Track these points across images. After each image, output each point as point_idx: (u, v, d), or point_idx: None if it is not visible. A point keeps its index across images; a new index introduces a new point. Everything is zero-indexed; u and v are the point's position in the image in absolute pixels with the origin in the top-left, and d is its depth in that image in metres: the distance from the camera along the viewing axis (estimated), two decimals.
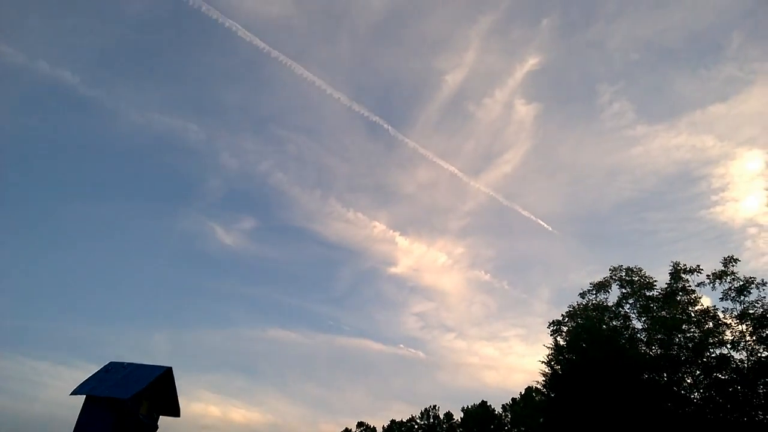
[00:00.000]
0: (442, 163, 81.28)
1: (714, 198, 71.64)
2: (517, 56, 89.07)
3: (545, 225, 75.87)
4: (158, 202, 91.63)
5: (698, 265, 35.18)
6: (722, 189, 71.02)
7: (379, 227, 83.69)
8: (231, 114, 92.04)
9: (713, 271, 34.00)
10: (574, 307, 39.25)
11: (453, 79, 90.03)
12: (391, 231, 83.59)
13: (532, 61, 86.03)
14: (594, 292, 38.98)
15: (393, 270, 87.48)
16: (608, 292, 38.61)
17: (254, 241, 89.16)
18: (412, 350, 79.98)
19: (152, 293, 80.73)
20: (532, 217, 76.32)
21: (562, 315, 39.57)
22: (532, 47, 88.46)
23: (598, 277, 39.79)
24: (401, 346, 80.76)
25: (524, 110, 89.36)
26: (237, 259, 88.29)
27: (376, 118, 73.51)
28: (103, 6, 78.31)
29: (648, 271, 37.56)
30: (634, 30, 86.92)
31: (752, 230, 65.26)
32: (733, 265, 33.52)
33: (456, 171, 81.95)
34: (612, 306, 37.98)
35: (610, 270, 38.67)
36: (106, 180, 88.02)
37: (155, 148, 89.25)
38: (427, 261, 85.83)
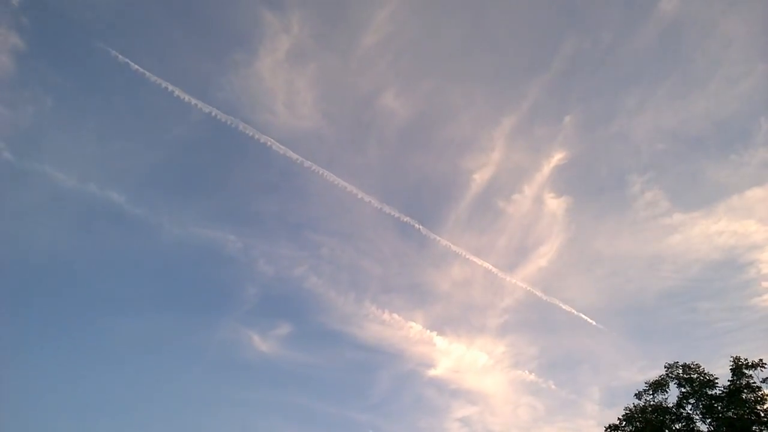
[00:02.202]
0: (475, 259, 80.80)
1: (765, 284, 68.57)
2: (543, 152, 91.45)
3: (588, 319, 73.11)
4: (197, 313, 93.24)
5: (761, 360, 33.40)
6: None
7: (415, 328, 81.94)
8: (267, 223, 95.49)
9: None
10: (630, 410, 36.88)
11: (481, 177, 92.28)
12: (428, 331, 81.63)
13: (558, 156, 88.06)
14: (651, 392, 36.80)
15: (432, 372, 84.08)
16: (666, 391, 36.42)
17: (290, 347, 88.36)
18: None
19: (191, 406, 79.63)
20: (573, 311, 73.85)
21: (619, 419, 37.14)
22: (556, 143, 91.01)
23: (651, 374, 37.89)
24: None
25: (555, 204, 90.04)
26: (273, 367, 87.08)
27: (406, 219, 74.74)
28: (148, 130, 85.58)
29: (706, 366, 35.64)
30: (657, 121, 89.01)
31: None
32: None
33: (490, 267, 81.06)
34: (672, 407, 35.60)
35: (665, 367, 36.82)
36: (147, 293, 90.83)
37: (195, 260, 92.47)
38: (468, 362, 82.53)
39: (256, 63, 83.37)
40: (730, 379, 33.96)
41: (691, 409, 34.77)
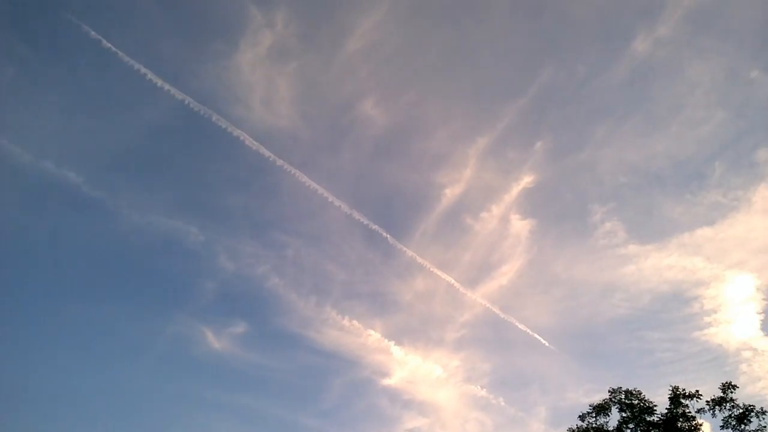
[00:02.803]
0: (439, 273, 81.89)
1: (707, 319, 72.15)
2: (513, 174, 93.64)
3: (542, 340, 75.07)
4: (149, 304, 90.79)
5: (697, 391, 35.12)
6: (714, 311, 71.77)
7: (374, 336, 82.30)
8: (232, 218, 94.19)
9: (712, 397, 34.09)
10: (573, 431, 38.28)
11: (452, 192, 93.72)
12: (387, 340, 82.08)
13: (526, 179, 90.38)
14: (594, 415, 38.21)
15: (387, 382, 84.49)
16: (608, 415, 37.86)
17: (245, 347, 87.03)
18: None
19: (133, 399, 77.34)
20: (528, 331, 75.71)
21: None
22: (526, 167, 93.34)
23: (596, 397, 39.27)
24: None
25: (519, 225, 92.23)
26: (225, 365, 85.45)
27: (375, 227, 75.26)
28: (115, 111, 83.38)
29: (647, 393, 37.30)
30: (621, 155, 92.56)
31: (747, 354, 65.04)
32: (731, 392, 33.66)
33: (453, 281, 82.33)
34: (612, 431, 37.13)
35: (609, 391, 38.29)
36: (98, 279, 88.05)
37: (152, 250, 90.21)
38: (422, 373, 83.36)
39: (236, 55, 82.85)
40: (668, 407, 35.64)
41: None
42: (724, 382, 34.52)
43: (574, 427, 38.43)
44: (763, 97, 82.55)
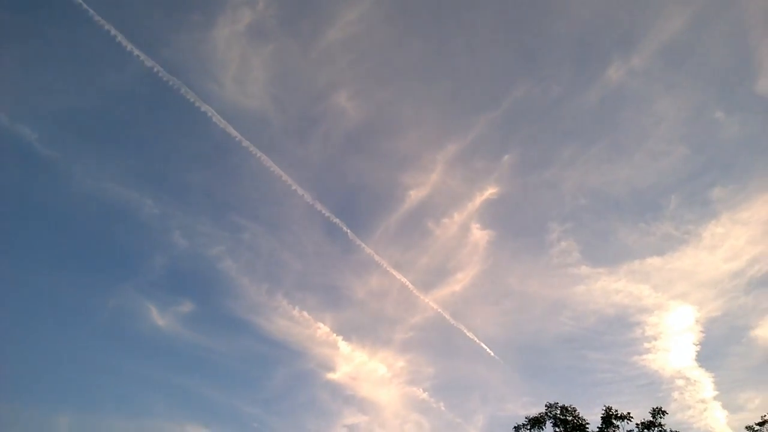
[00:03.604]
0: (395, 273, 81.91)
1: (647, 345, 74.70)
2: (478, 184, 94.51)
3: (488, 350, 76.03)
4: (94, 274, 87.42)
5: (629, 413, 36.43)
6: (655, 338, 74.35)
7: (323, 329, 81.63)
8: (191, 195, 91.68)
9: (642, 420, 35.46)
10: None
11: (416, 195, 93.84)
12: (335, 335, 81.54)
13: (490, 190, 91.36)
14: (528, 427, 38.95)
15: (331, 376, 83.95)
16: (542, 428, 38.68)
17: (190, 327, 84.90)
18: None
19: (66, 369, 74.09)
20: (475, 339, 76.55)
21: None
22: (492, 178, 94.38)
23: (533, 410, 40.05)
24: None
25: (479, 235, 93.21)
26: (167, 343, 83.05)
27: (336, 221, 74.56)
28: (80, 70, 79.86)
29: (583, 410, 38.29)
30: (584, 178, 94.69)
31: (680, 382, 67.65)
32: (661, 417, 35.09)
33: (408, 283, 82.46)
34: None
35: (546, 406, 39.12)
36: (42, 242, 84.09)
37: (104, 217, 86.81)
38: (367, 371, 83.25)
39: (212, 30, 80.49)
40: (600, 426, 36.75)
41: None
42: (655, 407, 36.13)
43: None
44: (724, 137, 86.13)
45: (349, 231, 75.61)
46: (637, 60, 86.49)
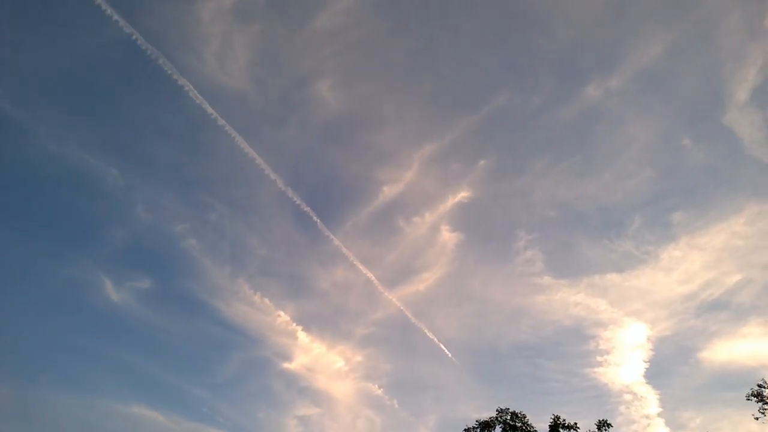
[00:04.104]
0: (361, 267, 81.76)
1: (599, 359, 76.73)
2: (451, 186, 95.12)
3: (446, 351, 76.73)
4: (49, 241, 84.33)
5: (575, 423, 37.44)
6: (607, 352, 76.40)
7: (283, 318, 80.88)
8: (159, 169, 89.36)
9: (588, 431, 36.45)
10: None
11: (390, 191, 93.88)
12: (295, 324, 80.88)
13: (463, 194, 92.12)
14: (478, 430, 39.55)
15: (287, 365, 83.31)
16: None
17: (146, 304, 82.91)
18: None
19: (5, 338, 71.11)
20: (435, 340, 77.16)
21: None
22: (465, 182, 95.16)
23: (485, 414, 40.62)
24: None
25: (448, 236, 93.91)
26: (120, 319, 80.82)
27: (307, 209, 73.85)
28: (55, 31, 76.72)
29: (533, 417, 39.19)
30: (554, 190, 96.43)
31: (627, 397, 69.72)
32: (605, 429, 36.20)
33: (373, 278, 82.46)
34: None
35: (497, 411, 39.81)
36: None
37: (66, 184, 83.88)
38: (324, 363, 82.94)
39: (198, 2, 78.42)
40: None
41: None
42: (601, 419, 37.20)
43: None
44: (689, 164, 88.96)
45: (318, 221, 75.14)
46: (615, 81, 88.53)
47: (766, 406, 33.54)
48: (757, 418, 33.64)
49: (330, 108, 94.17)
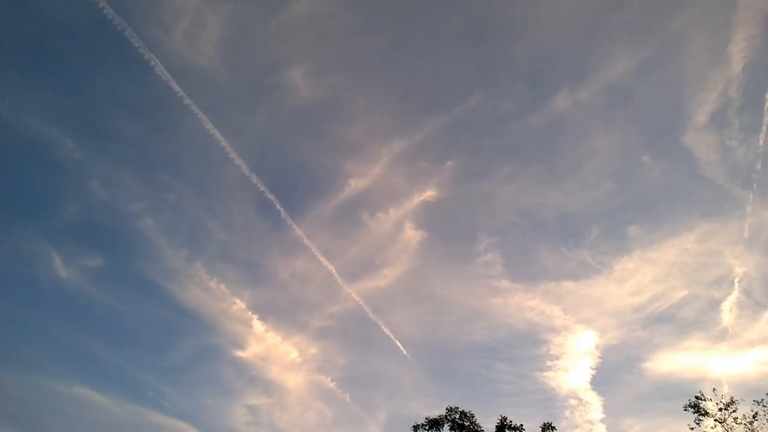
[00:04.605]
0: (322, 259, 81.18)
1: (549, 363, 78.62)
2: (418, 184, 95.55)
3: (401, 348, 77.17)
4: None
5: (521, 425, 38.29)
6: (557, 357, 78.38)
7: (238, 305, 79.59)
8: (119, 144, 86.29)
9: None
10: None
11: (356, 185, 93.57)
12: (251, 312, 79.76)
13: (429, 193, 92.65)
14: (427, 428, 39.91)
15: (239, 353, 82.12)
16: (440, 430, 39.72)
17: (95, 283, 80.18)
18: None
19: None
20: (391, 336, 77.47)
21: None
22: (432, 181, 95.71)
23: (435, 412, 41.01)
24: None
25: (411, 234, 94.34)
26: (67, 297, 77.91)
27: (271, 197, 72.74)
28: None
29: (482, 417, 39.81)
30: (518, 196, 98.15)
31: (573, 401, 71.75)
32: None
33: (333, 271, 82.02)
34: None
35: (446, 409, 40.25)
36: None
37: (16, 152, 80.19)
38: (277, 353, 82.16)
39: None
40: None
41: None
42: (546, 422, 38.10)
43: None
44: (647, 180, 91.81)
45: (282, 209, 74.18)
46: (583, 94, 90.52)
47: (701, 417, 35.01)
48: (692, 429, 35.07)
49: (301, 96, 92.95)
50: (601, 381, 74.84)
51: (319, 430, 78.06)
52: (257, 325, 78.93)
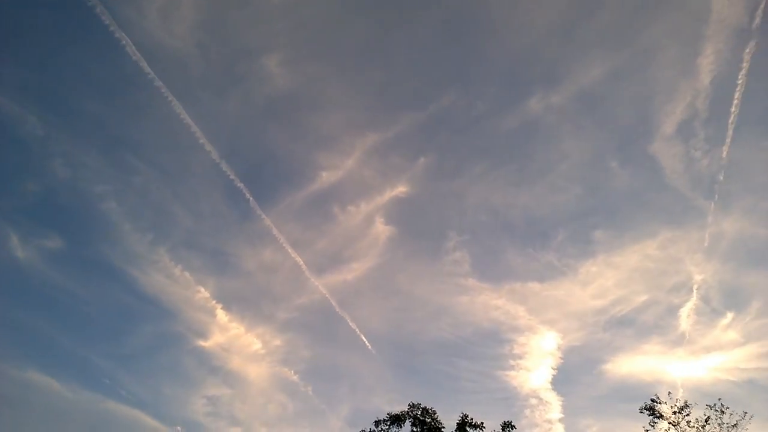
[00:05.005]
0: (290, 250, 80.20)
1: (512, 362, 79.60)
2: (390, 179, 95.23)
3: (367, 343, 76.95)
4: None
5: (482, 422, 38.54)
6: (520, 356, 79.42)
7: (203, 294, 78.00)
8: (85, 123, 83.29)
9: (492, 431, 37.68)
10: None
11: (328, 177, 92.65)
12: (215, 301, 78.28)
13: (401, 188, 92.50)
14: (388, 423, 39.82)
15: (201, 343, 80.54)
16: (401, 426, 39.70)
17: (54, 265, 77.45)
18: None
19: None
20: (357, 330, 77.15)
21: None
22: (404, 177, 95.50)
23: (397, 408, 40.91)
24: (179, 429, 72.40)
25: (381, 229, 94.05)
26: (23, 277, 74.95)
27: (240, 185, 71.40)
28: None
29: (444, 414, 39.94)
30: (489, 195, 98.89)
31: (533, 401, 72.84)
32: (509, 430, 37.56)
33: (301, 263, 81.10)
34: None
35: (409, 405, 40.22)
36: None
37: None
38: (241, 344, 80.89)
39: None
40: (454, 431, 38.38)
41: None
42: (506, 420, 38.51)
43: (368, 430, 39.78)
44: (614, 186, 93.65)
45: (251, 198, 72.86)
46: (556, 98, 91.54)
47: (656, 420, 35.83)
48: (647, 431, 35.90)
49: (276, 84, 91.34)
50: (561, 381, 76.14)
51: (280, 422, 77.36)
52: (221, 315, 77.58)
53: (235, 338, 79.55)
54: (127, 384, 75.50)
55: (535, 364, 77.49)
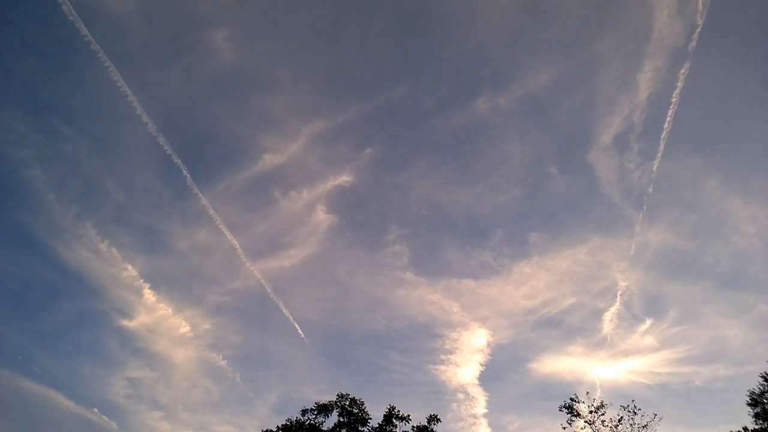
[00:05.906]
0: (227, 233, 77.91)
1: (443, 357, 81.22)
2: (334, 168, 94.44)
3: (300, 331, 76.13)
4: None
5: (408, 415, 38.94)
6: (451, 352, 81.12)
7: (130, 272, 74.38)
8: (10, 83, 77.18)
9: (418, 424, 38.15)
10: (291, 422, 38.93)
11: (271, 160, 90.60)
12: (142, 281, 74.90)
13: (344, 178, 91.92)
14: (315, 413, 39.44)
15: (125, 323, 76.92)
16: (328, 416, 39.45)
17: None
18: (106, 419, 68.45)
19: None
20: (290, 318, 76.16)
21: (278, 426, 38.91)
22: (348, 166, 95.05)
23: (326, 397, 40.62)
24: (95, 410, 68.73)
25: (321, 217, 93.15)
26: None
27: (178, 161, 68.42)
28: None
29: (372, 405, 39.99)
30: (432, 191, 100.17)
31: (460, 396, 74.66)
32: (434, 424, 38.25)
33: (237, 246, 78.98)
34: (327, 431, 38.68)
35: (337, 396, 40.01)
36: None
37: None
38: (168, 326, 77.93)
39: None
40: (381, 422, 38.64)
41: None
42: (432, 413, 39.10)
43: (294, 419, 39.25)
44: (552, 191, 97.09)
45: (188, 176, 69.98)
46: (503, 100, 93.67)
47: (573, 418, 37.42)
48: (564, 429, 37.42)
49: (222, 60, 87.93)
50: (488, 377, 78.47)
51: (204, 408, 75.29)
52: (148, 295, 74.33)
53: (162, 319, 76.60)
54: (43, 362, 71.10)
55: (465, 360, 79.40)
